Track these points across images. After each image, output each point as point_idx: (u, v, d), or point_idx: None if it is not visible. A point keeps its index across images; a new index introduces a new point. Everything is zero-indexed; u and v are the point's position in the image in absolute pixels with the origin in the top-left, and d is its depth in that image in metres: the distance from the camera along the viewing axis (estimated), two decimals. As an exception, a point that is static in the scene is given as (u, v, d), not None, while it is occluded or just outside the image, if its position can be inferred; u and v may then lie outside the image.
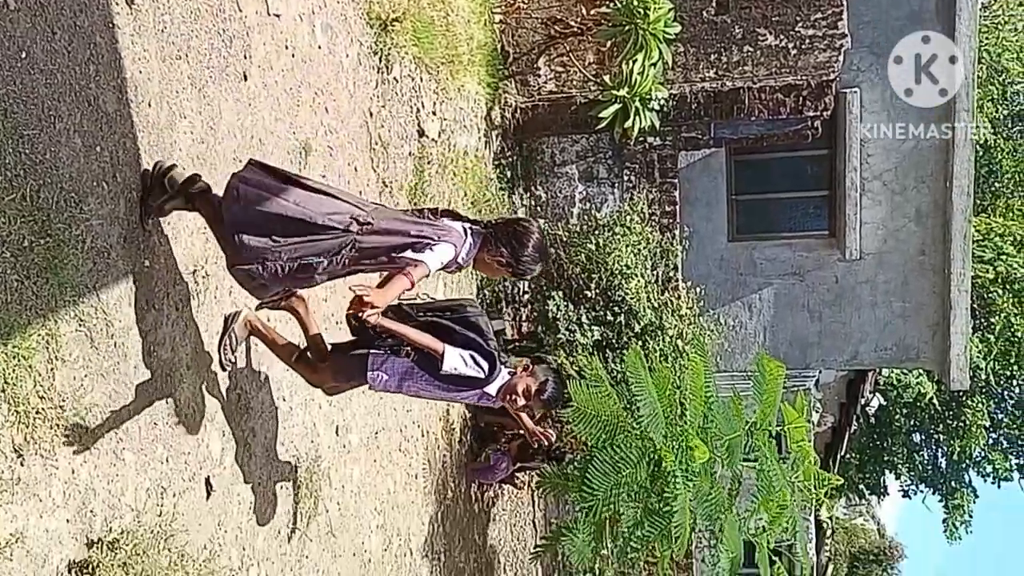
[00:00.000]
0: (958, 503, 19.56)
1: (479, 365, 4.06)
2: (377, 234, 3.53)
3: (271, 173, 3.48)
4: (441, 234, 3.60)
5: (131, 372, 3.39)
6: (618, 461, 6.63)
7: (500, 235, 3.74)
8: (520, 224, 3.80)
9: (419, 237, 3.55)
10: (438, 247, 3.57)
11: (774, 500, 7.17)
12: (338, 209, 3.47)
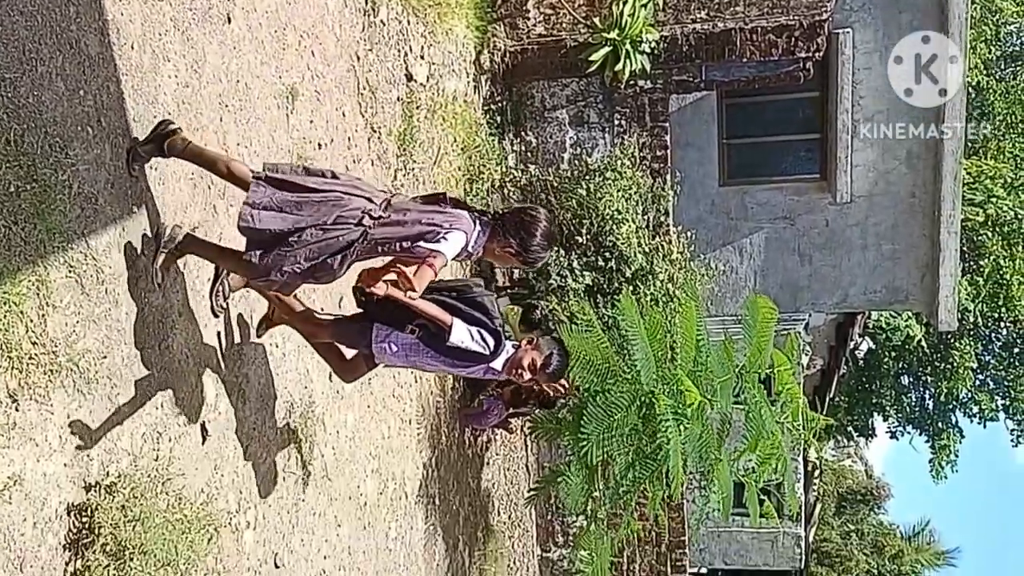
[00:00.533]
0: (944, 443, 19.87)
1: (484, 341, 4.14)
2: (389, 225, 3.59)
3: (279, 186, 3.50)
4: (452, 221, 3.65)
5: (123, 318, 3.39)
6: (610, 405, 6.70)
7: (508, 225, 3.78)
8: (527, 214, 3.83)
9: (431, 225, 3.60)
10: (451, 235, 3.62)
11: (763, 441, 7.27)
12: (349, 205, 3.54)
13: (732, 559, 11.69)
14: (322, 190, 3.54)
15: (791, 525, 11.74)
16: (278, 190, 3.51)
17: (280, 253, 3.47)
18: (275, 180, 3.53)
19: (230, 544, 4.23)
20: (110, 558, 3.21)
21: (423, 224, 3.61)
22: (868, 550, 23.78)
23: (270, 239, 3.47)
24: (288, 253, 3.47)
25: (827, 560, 23.02)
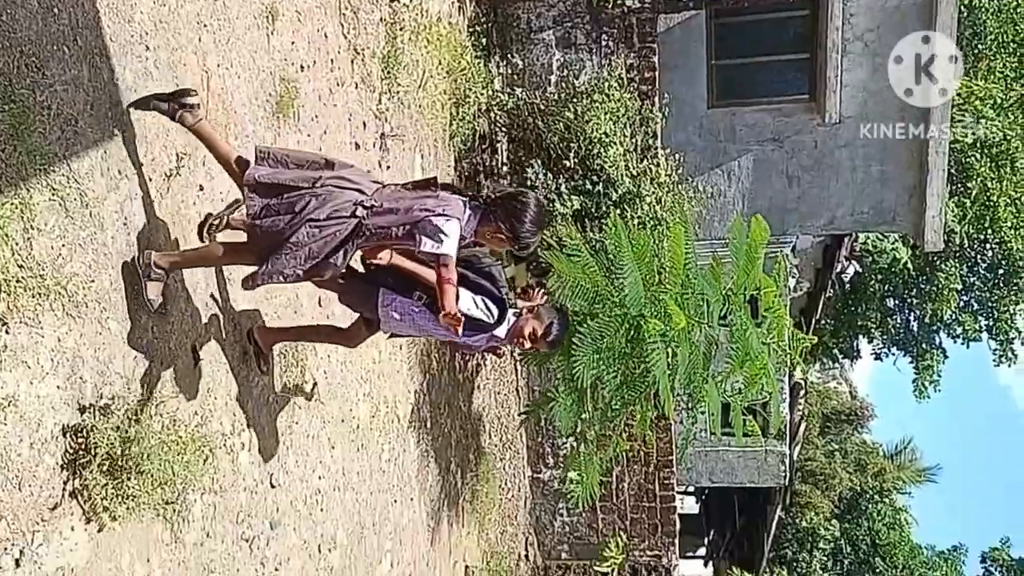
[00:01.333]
0: (928, 364, 20.18)
1: (488, 310, 4.22)
2: (383, 214, 3.65)
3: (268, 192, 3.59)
4: (444, 206, 3.66)
5: (108, 242, 3.38)
6: (599, 329, 6.76)
7: (498, 211, 3.80)
8: (517, 200, 3.84)
9: (424, 211, 3.63)
10: (450, 228, 3.64)
11: (749, 362, 7.38)
12: (341, 199, 3.61)
13: (719, 477, 11.97)
14: (312, 186, 3.60)
15: (776, 444, 12.00)
16: (270, 198, 3.59)
17: (279, 257, 3.57)
18: (264, 186, 3.60)
19: (226, 465, 4.30)
20: (107, 477, 3.27)
21: (417, 211, 3.64)
22: (851, 468, 24.41)
23: (269, 242, 3.58)
24: (288, 256, 3.57)
25: (811, 478, 23.63)
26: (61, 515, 3.13)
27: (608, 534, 10.64)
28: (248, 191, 3.61)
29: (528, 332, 4.42)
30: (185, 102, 3.62)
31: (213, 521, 4.18)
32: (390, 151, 6.68)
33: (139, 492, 3.43)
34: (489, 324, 4.30)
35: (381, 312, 4.27)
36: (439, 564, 8.15)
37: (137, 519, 3.53)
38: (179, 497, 3.80)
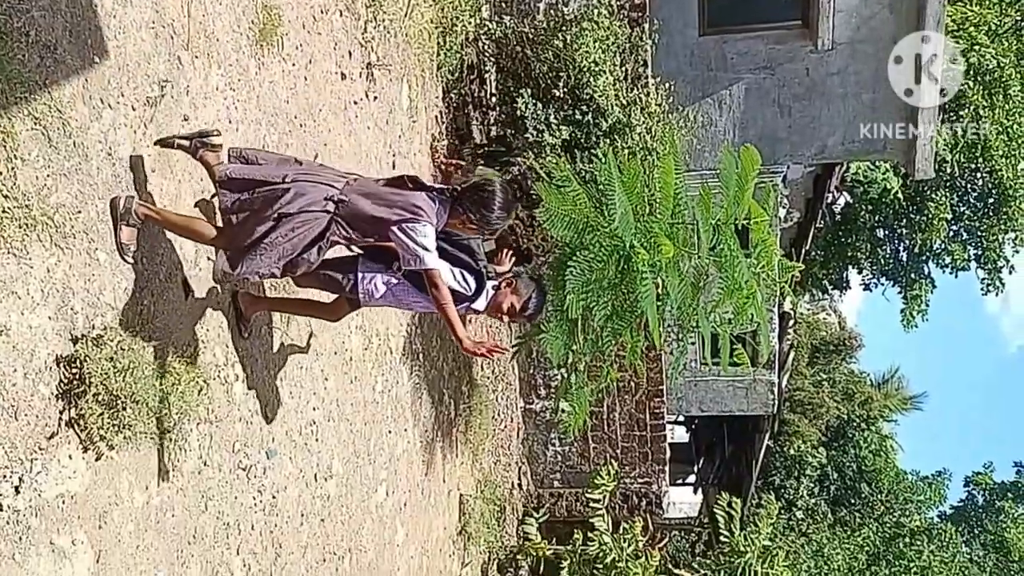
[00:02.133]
0: (916, 294, 20.33)
1: (466, 282, 4.31)
2: (356, 212, 3.72)
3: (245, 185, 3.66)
4: (416, 209, 3.73)
5: (94, 172, 3.35)
6: (588, 260, 6.78)
7: (466, 203, 3.86)
8: (483, 190, 3.87)
9: (397, 216, 3.72)
10: (428, 239, 3.74)
11: (738, 291, 7.43)
12: (312, 194, 3.67)
13: (708, 406, 12.15)
14: (284, 183, 3.66)
15: (765, 372, 12.16)
16: (243, 192, 3.67)
17: (254, 257, 3.67)
18: (237, 181, 3.68)
19: (220, 396, 4.35)
20: (103, 407, 3.30)
21: (389, 216, 3.71)
22: (839, 397, 24.78)
23: (243, 238, 3.67)
24: (263, 256, 3.66)
25: (799, 408, 23.99)
26: (58, 444, 3.17)
27: (599, 463, 10.82)
28: (220, 187, 3.68)
29: (507, 307, 4.52)
30: (208, 141, 3.74)
31: (210, 450, 4.24)
32: (376, 81, 6.59)
33: (135, 421, 3.47)
34: (467, 296, 4.38)
35: (362, 290, 4.35)
36: (434, 492, 8.31)
37: (134, 448, 3.59)
38: (175, 427, 3.86)
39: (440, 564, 8.48)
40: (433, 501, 8.29)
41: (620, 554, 9.16)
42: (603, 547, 9.20)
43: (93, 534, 3.34)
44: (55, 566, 3.13)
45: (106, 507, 3.41)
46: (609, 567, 9.19)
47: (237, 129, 4.47)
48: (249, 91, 4.62)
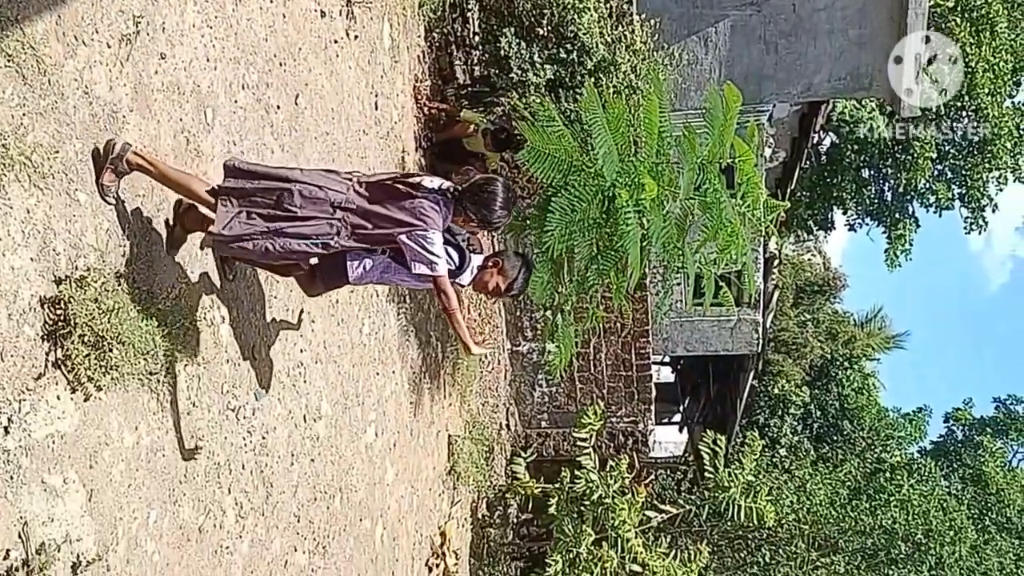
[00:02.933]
0: (900, 233, 20.47)
1: (450, 256, 4.35)
2: (363, 219, 3.89)
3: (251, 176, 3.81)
4: (423, 216, 3.89)
5: (71, 112, 3.30)
6: (572, 200, 6.76)
7: (468, 202, 4.02)
8: (484, 190, 4.03)
9: (405, 226, 3.90)
10: (434, 242, 3.93)
11: (723, 231, 7.45)
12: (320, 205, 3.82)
13: (694, 346, 12.28)
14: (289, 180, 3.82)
15: (750, 312, 12.27)
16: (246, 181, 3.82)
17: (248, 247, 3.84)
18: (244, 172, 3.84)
19: (207, 337, 4.36)
20: (89, 348, 3.31)
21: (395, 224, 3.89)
22: (822, 337, 25.05)
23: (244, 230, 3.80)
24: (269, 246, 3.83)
25: (784, 348, 24.26)
26: (46, 384, 3.18)
27: (586, 403, 10.96)
28: (226, 173, 3.83)
29: (492, 287, 4.60)
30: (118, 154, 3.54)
31: (198, 392, 4.26)
32: (357, 20, 6.48)
33: (122, 362, 3.49)
34: (451, 270, 4.43)
35: (353, 277, 4.45)
36: (422, 433, 8.41)
37: (122, 388, 3.61)
38: (162, 368, 3.87)
39: (430, 503, 8.63)
40: (422, 442, 8.40)
41: (606, 491, 9.33)
42: (590, 485, 9.36)
43: (84, 473, 3.37)
44: (48, 504, 3.16)
45: (96, 447, 3.44)
46: (596, 504, 9.37)
47: (215, 68, 4.41)
48: (226, 28, 4.54)
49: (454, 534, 9.12)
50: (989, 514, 22.32)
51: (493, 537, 10.33)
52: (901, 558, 16.95)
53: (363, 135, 6.81)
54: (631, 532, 9.26)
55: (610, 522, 9.26)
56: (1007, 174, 18.84)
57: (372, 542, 6.84)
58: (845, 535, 16.24)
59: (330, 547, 5.97)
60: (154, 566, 3.84)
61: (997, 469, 24.02)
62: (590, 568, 9.22)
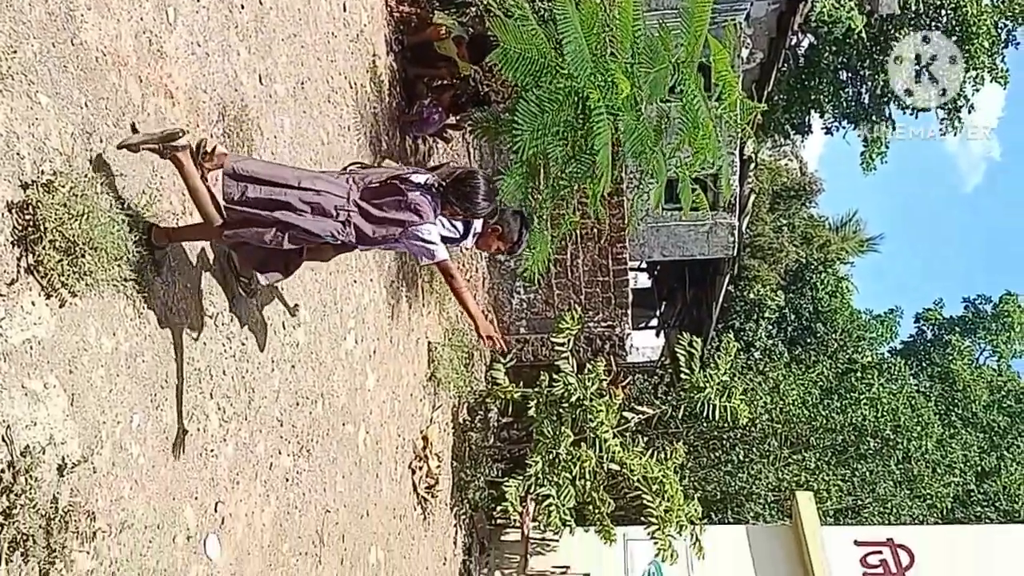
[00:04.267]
0: (877, 136, 20.48)
1: (455, 227, 4.72)
2: (364, 221, 4.11)
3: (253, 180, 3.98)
4: (420, 210, 4.13)
5: (26, 8, 3.19)
6: (544, 100, 6.69)
7: (452, 195, 4.27)
8: (465, 184, 4.28)
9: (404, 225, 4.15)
10: (431, 234, 4.20)
11: (698, 131, 7.42)
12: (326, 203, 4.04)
13: (670, 251, 12.37)
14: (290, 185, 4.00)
15: (726, 216, 12.33)
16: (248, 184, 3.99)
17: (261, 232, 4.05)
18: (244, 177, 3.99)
19: (181, 244, 4.33)
20: (61, 253, 3.29)
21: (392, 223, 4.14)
22: (798, 242, 25.31)
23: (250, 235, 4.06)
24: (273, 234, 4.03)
25: (760, 253, 24.51)
26: (19, 290, 3.17)
27: (564, 308, 11.09)
28: (227, 178, 3.96)
29: (494, 248, 4.99)
30: (175, 145, 3.80)
31: (175, 298, 4.27)
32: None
33: (95, 268, 3.48)
34: (456, 239, 4.81)
35: (361, 247, 4.55)
36: (401, 340, 8.49)
37: (97, 295, 3.60)
38: (137, 274, 3.87)
39: (411, 408, 8.78)
40: (402, 349, 8.49)
41: (584, 393, 9.53)
42: (568, 388, 9.56)
43: (64, 378, 3.40)
44: (30, 408, 3.20)
45: (75, 353, 3.46)
46: (574, 406, 9.58)
47: (175, -35, 4.26)
48: (184, -76, 4.37)
49: (436, 438, 9.32)
50: (955, 410, 23.09)
51: (474, 441, 10.56)
52: (870, 453, 17.56)
53: (332, 38, 6.66)
54: (609, 433, 9.51)
55: (588, 424, 9.49)
56: (984, 74, 18.76)
57: (355, 446, 6.99)
58: (816, 433, 16.75)
59: (314, 451, 6.09)
60: (140, 468, 3.91)
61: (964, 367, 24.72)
62: (569, 468, 9.50)
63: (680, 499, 9.50)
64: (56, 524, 3.26)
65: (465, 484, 10.09)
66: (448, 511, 9.83)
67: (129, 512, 3.79)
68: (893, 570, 10.00)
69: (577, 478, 9.52)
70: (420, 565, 8.66)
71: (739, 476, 15.13)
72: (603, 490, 9.90)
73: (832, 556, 10.02)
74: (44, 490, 3.23)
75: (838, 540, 10.31)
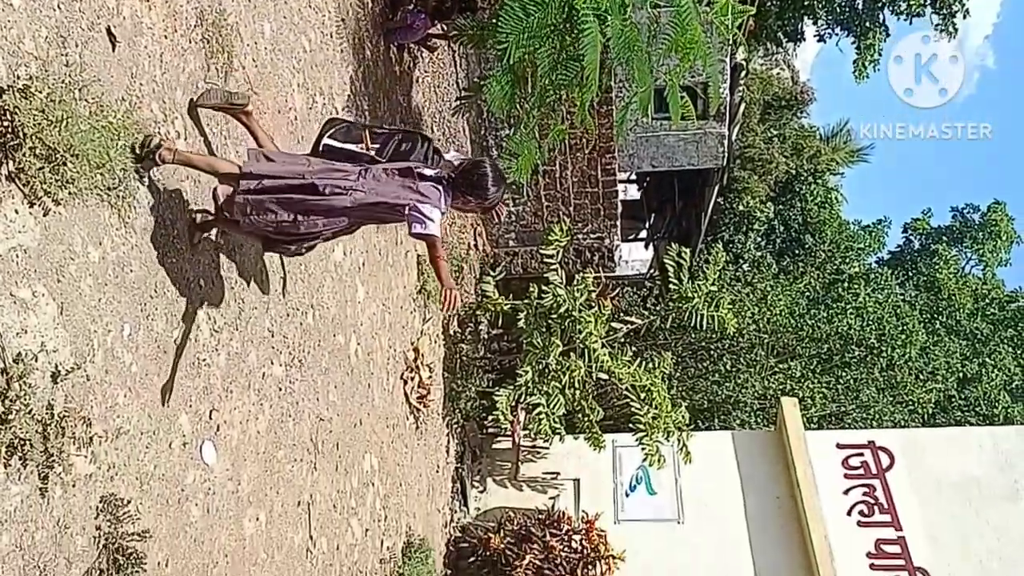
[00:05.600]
0: (870, 43, 20.10)
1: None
2: (375, 204, 4.28)
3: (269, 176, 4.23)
4: (425, 198, 4.29)
5: (-10, -95, 3.08)
6: (529, 3, 6.53)
7: (463, 186, 4.40)
8: (474, 173, 4.40)
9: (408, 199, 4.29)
10: (432, 213, 4.29)
11: (687, 37, 7.27)
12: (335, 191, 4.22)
13: (660, 162, 12.29)
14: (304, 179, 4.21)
15: (715, 125, 12.21)
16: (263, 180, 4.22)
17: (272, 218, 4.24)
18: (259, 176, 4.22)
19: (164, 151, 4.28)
20: (43, 161, 3.26)
21: (401, 199, 4.28)
22: (788, 152, 25.16)
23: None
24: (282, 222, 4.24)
25: (749, 165, 24.39)
26: (2, 198, 3.14)
27: (552, 220, 11.07)
28: (243, 177, 4.18)
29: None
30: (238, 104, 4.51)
31: (160, 208, 4.24)
32: None
33: (78, 176, 3.45)
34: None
35: None
36: (390, 252, 8.50)
37: (81, 203, 3.58)
38: (120, 183, 3.83)
39: (402, 320, 8.85)
40: (391, 261, 8.50)
41: (573, 304, 9.59)
42: (557, 299, 9.61)
43: (53, 287, 3.41)
44: (19, 316, 3.21)
45: (61, 262, 3.46)
46: (563, 317, 9.65)
47: None
48: None
49: (427, 350, 9.42)
50: (940, 318, 23.41)
51: (465, 352, 10.68)
52: (854, 361, 17.87)
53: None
54: (597, 343, 9.61)
55: (577, 334, 9.59)
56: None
57: (347, 356, 7.06)
58: (803, 342, 17.00)
59: (306, 361, 6.16)
60: (133, 376, 3.96)
61: (950, 276, 24.94)
62: (559, 377, 9.63)
63: (668, 406, 9.67)
64: (52, 429, 3.31)
65: (456, 394, 10.25)
66: (440, 421, 10.02)
67: (124, 419, 3.85)
68: (873, 471, 10.29)
69: (566, 387, 9.66)
70: (413, 472, 8.87)
71: (726, 386, 15.40)
72: (592, 399, 10.06)
73: (815, 458, 10.30)
74: (39, 396, 3.28)
75: (821, 443, 10.57)
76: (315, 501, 6.19)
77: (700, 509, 10.36)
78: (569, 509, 10.26)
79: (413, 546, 8.42)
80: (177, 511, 4.30)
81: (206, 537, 4.59)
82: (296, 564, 5.83)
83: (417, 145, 5.15)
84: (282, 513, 5.63)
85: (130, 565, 3.71)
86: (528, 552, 9.33)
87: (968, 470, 10.30)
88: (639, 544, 10.01)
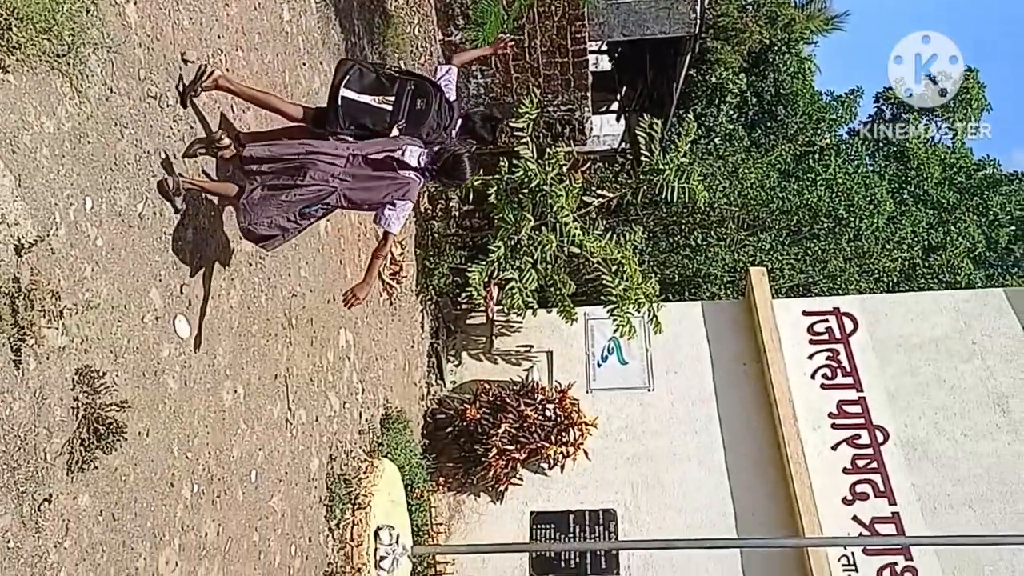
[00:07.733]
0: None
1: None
2: (355, 190, 4.74)
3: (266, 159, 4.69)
4: (406, 191, 4.80)
5: None
6: None
7: (443, 175, 4.94)
8: (456, 167, 4.91)
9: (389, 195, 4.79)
10: (405, 210, 4.84)
11: None
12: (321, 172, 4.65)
13: (631, 30, 11.98)
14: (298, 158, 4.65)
15: (687, -9, 11.85)
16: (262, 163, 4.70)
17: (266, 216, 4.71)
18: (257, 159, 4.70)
19: (113, 19, 4.11)
20: (-16, 24, 3.11)
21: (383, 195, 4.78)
22: (762, 22, 24.58)
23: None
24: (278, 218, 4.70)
25: (723, 35, 23.84)
26: (-55, 64, 3.02)
27: (522, 92, 10.85)
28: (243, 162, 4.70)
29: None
30: None
31: (113, 76, 4.10)
32: None
33: (24, 41, 3.32)
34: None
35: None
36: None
37: (31, 71, 3.45)
38: (70, 50, 3.69)
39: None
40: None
41: (544, 178, 9.54)
42: (528, 173, 9.55)
43: (8, 158, 3.32)
44: (-24, 188, 3.14)
45: (14, 132, 3.36)
46: (534, 191, 9.62)
47: None
48: None
49: (398, 226, 9.37)
50: (908, 187, 23.60)
51: (437, 229, 10.65)
52: (823, 232, 18.09)
53: None
54: (569, 217, 9.62)
55: (549, 209, 9.58)
56: None
57: (317, 233, 7.02)
58: (772, 215, 17.13)
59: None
60: (99, 250, 3.92)
61: (919, 146, 24.99)
62: (531, 252, 9.68)
63: (638, 278, 9.80)
64: (21, 302, 3.31)
65: (429, 271, 10.29)
66: (414, 297, 10.09)
67: (93, 292, 3.84)
68: (837, 336, 10.58)
69: (538, 262, 9.73)
70: (389, 347, 8.99)
71: (696, 259, 15.57)
72: (564, 273, 10.16)
73: (782, 326, 10.55)
74: (3, 269, 3.25)
75: (788, 311, 10.80)
76: (292, 374, 6.28)
77: (670, 377, 10.66)
78: (543, 380, 10.51)
79: (391, 418, 8.63)
80: (154, 383, 4.35)
81: (185, 408, 4.67)
82: (276, 434, 5.97)
83: (431, 104, 5.21)
84: (259, 386, 5.72)
85: (110, 434, 3.77)
86: (504, 421, 9.60)
87: (929, 332, 10.62)
88: (611, 411, 10.34)
